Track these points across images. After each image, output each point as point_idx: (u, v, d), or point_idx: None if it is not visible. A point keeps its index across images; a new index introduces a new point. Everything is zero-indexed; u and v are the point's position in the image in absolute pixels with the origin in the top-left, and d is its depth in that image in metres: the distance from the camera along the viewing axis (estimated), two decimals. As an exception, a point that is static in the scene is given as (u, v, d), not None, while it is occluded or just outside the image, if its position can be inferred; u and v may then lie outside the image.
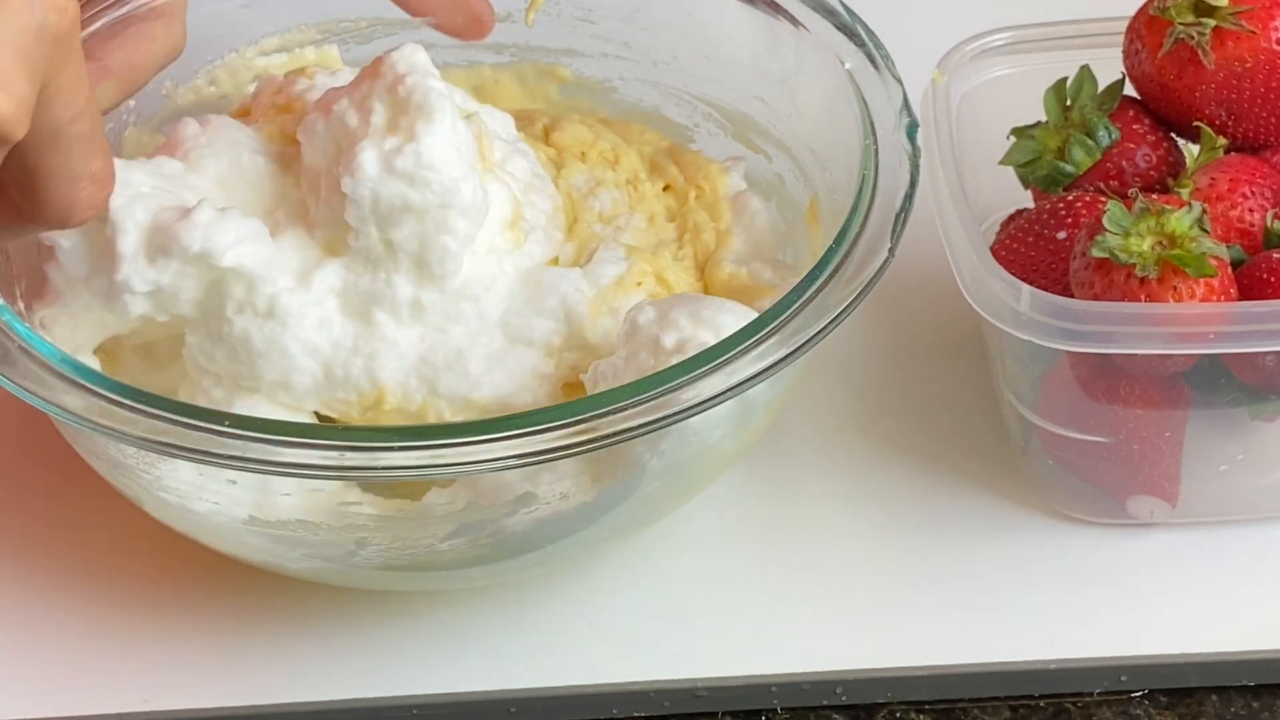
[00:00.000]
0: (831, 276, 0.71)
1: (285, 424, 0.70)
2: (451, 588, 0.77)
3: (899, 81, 0.78)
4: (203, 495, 0.71)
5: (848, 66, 0.79)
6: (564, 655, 0.76)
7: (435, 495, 0.72)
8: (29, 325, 0.72)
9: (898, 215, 0.74)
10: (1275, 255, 0.75)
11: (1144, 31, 0.80)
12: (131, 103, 0.83)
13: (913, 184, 0.75)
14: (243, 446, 0.66)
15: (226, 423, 0.67)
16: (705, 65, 0.85)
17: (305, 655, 0.76)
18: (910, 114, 0.77)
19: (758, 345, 0.69)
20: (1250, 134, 0.80)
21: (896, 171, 0.75)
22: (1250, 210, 0.77)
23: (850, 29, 0.80)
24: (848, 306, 0.70)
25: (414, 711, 0.75)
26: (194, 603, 0.78)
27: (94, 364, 0.75)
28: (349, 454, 0.67)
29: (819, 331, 0.70)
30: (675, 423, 0.68)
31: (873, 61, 0.79)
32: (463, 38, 0.84)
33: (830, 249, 0.72)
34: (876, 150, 0.76)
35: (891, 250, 0.72)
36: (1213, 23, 0.78)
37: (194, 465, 0.69)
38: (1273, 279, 0.74)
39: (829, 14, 0.81)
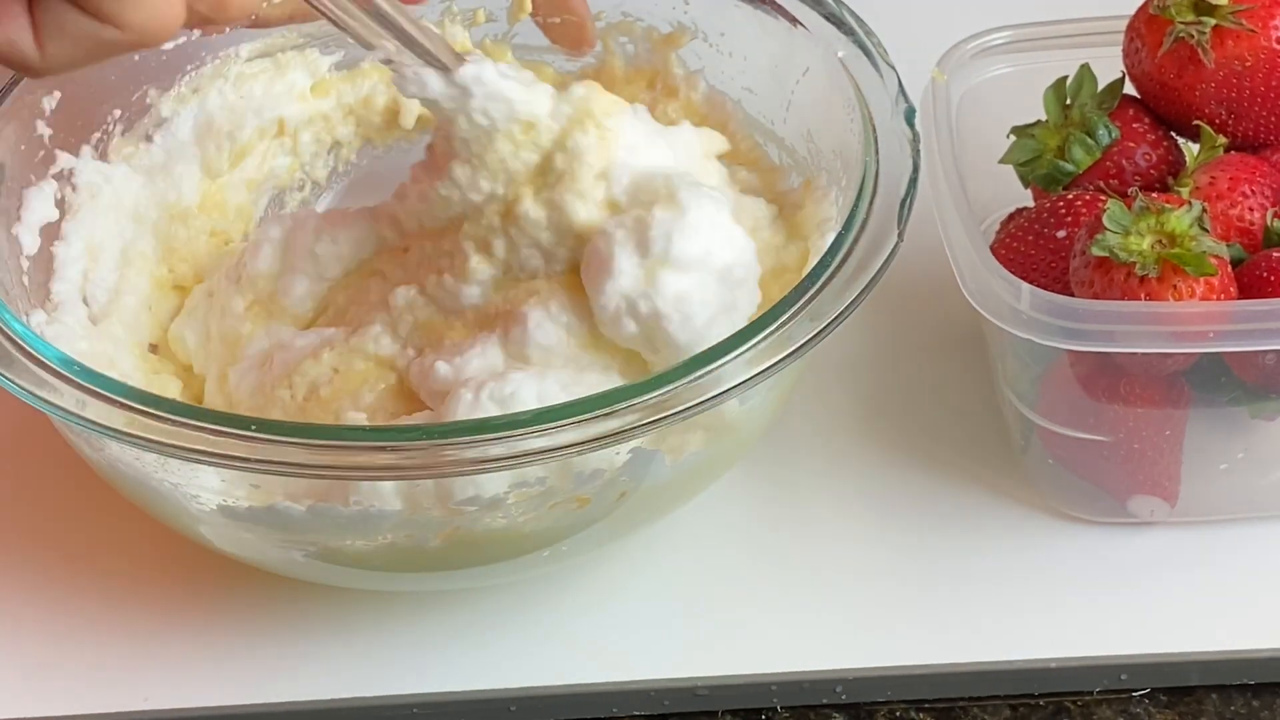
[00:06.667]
0: (841, 265, 0.71)
1: (284, 425, 0.70)
2: (452, 588, 0.77)
3: (892, 68, 0.78)
4: (203, 494, 0.72)
5: (840, 55, 0.79)
6: (564, 655, 0.76)
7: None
8: (29, 326, 0.72)
9: (903, 201, 0.74)
10: (1275, 254, 0.75)
11: (1144, 30, 0.80)
12: (117, 112, 0.83)
13: (915, 169, 0.75)
14: (237, 446, 0.67)
15: (221, 423, 0.67)
16: (693, 59, 0.85)
17: (305, 655, 0.76)
18: (906, 99, 0.77)
19: (776, 332, 0.69)
20: (1250, 133, 0.80)
21: (898, 158, 0.75)
22: (1250, 209, 0.77)
23: (839, 18, 0.80)
24: (860, 294, 0.70)
25: (414, 711, 0.75)
26: (194, 603, 0.78)
27: None
28: (348, 454, 0.67)
29: (834, 319, 0.70)
30: (699, 411, 0.68)
31: (864, 50, 0.79)
32: None
33: (838, 237, 0.72)
34: (876, 138, 0.76)
35: (900, 235, 0.72)
36: (1213, 21, 0.78)
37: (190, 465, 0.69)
38: (1273, 278, 0.74)
39: (816, 3, 0.81)
